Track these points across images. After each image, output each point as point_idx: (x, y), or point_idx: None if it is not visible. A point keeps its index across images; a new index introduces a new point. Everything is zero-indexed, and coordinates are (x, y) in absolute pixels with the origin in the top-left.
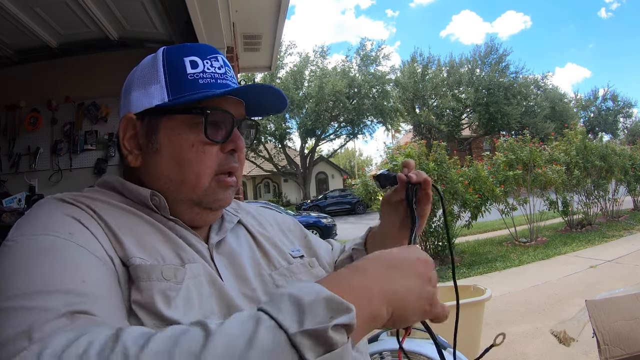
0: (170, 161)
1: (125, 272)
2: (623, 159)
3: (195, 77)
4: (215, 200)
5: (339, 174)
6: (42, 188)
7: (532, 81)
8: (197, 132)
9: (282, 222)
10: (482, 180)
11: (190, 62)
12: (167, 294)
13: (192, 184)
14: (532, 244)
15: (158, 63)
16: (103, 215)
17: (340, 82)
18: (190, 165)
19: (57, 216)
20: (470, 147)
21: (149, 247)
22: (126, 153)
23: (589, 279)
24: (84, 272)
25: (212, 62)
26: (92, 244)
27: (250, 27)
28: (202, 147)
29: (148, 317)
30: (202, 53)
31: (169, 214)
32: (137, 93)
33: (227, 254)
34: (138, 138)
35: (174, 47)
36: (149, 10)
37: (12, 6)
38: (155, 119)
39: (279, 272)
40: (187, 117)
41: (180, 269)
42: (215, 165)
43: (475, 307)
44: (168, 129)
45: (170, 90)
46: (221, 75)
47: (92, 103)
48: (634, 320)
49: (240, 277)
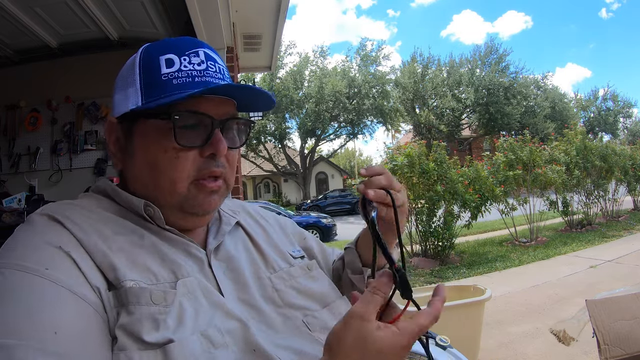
0: (144, 166)
1: (114, 295)
2: (623, 159)
3: (169, 77)
4: (196, 206)
5: (339, 174)
6: (42, 188)
7: (532, 81)
8: (170, 138)
9: (283, 222)
10: (482, 180)
11: (166, 60)
12: (157, 317)
13: (167, 190)
14: (532, 244)
15: (135, 64)
16: (92, 233)
17: (341, 82)
18: (164, 171)
19: (37, 245)
20: (470, 147)
21: (141, 265)
22: (112, 155)
23: (589, 279)
24: (56, 320)
25: (190, 58)
26: (72, 278)
27: (250, 27)
28: (176, 153)
29: (131, 341)
30: (180, 49)
31: (164, 223)
32: (117, 96)
33: (225, 259)
34: (119, 142)
35: (153, 45)
36: (149, 10)
37: (12, 6)
38: (130, 124)
39: (278, 275)
40: (159, 122)
41: (170, 292)
42: (193, 170)
43: (475, 307)
44: (141, 134)
45: (144, 93)
46: (200, 72)
47: (92, 103)
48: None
49: (239, 282)
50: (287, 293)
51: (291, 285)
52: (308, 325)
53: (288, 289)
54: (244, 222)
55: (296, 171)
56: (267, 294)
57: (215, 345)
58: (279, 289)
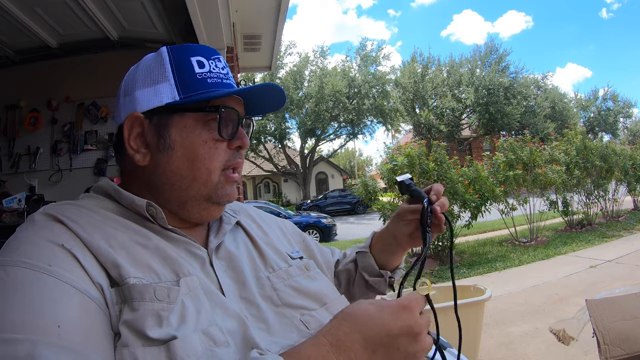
0: (183, 158)
1: (116, 292)
2: (623, 159)
3: (203, 76)
4: (224, 195)
5: (339, 174)
6: (42, 188)
7: (532, 81)
8: (209, 130)
9: (282, 224)
10: (482, 180)
11: (197, 61)
12: (160, 314)
13: (203, 180)
14: (532, 244)
15: (165, 62)
16: (93, 232)
17: (341, 82)
18: (203, 162)
19: (39, 243)
20: (470, 147)
21: (143, 264)
22: (132, 152)
23: (589, 279)
24: (60, 314)
25: (215, 62)
26: (75, 275)
27: (250, 27)
28: (214, 143)
29: (134, 337)
30: (206, 54)
31: (166, 223)
32: (143, 91)
33: (226, 258)
34: (145, 136)
35: (179, 47)
36: (149, 10)
37: (12, 6)
38: (165, 117)
39: (277, 274)
40: (200, 115)
41: (174, 289)
42: (224, 161)
43: (475, 307)
44: (180, 126)
45: (181, 88)
46: (224, 75)
47: (92, 103)
48: (634, 320)
49: (239, 281)
50: (285, 292)
51: (289, 284)
52: (306, 324)
53: (286, 289)
54: (244, 222)
55: (296, 171)
56: (265, 293)
57: (216, 344)
58: (278, 288)
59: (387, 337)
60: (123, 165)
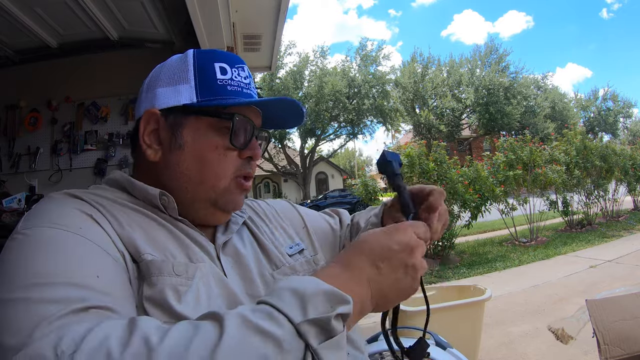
0: (192, 160)
1: (136, 268)
2: (623, 159)
3: (224, 83)
4: (230, 202)
5: (339, 174)
6: (42, 188)
7: (532, 81)
8: (222, 136)
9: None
10: (482, 180)
11: (220, 68)
12: (178, 289)
13: (210, 184)
14: (532, 244)
15: (188, 64)
16: (112, 211)
17: (340, 82)
18: (211, 167)
19: (67, 210)
20: (470, 147)
21: (160, 244)
22: (145, 147)
23: (589, 279)
24: (96, 267)
25: (239, 71)
26: (103, 239)
27: (250, 27)
28: (224, 150)
29: (159, 312)
30: (231, 61)
31: (177, 214)
32: (163, 89)
33: (232, 254)
34: (159, 133)
35: (205, 51)
36: (149, 10)
37: (12, 6)
38: (181, 117)
39: (281, 271)
40: (215, 121)
41: (192, 265)
42: (234, 169)
43: (475, 307)
44: (194, 128)
45: (200, 91)
46: (246, 85)
47: (92, 103)
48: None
49: (246, 277)
50: None
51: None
52: None
53: None
54: (249, 220)
55: (296, 171)
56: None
57: None
58: None
59: (388, 252)
60: (136, 158)
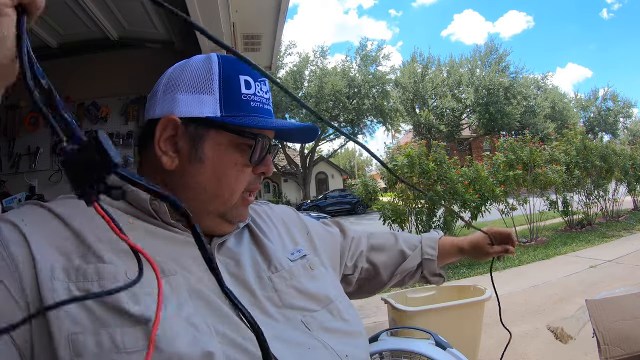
0: (212, 174)
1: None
2: (623, 159)
3: (248, 98)
4: (237, 215)
5: (339, 174)
6: (42, 188)
7: (532, 81)
8: (241, 153)
9: (288, 219)
10: (482, 180)
11: (245, 81)
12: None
13: (224, 199)
14: (532, 244)
15: (213, 73)
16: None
17: (340, 82)
18: (228, 182)
19: None
20: (470, 147)
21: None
22: (160, 154)
23: (589, 279)
24: None
25: (261, 85)
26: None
27: (250, 27)
28: (242, 167)
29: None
30: (254, 74)
31: (168, 218)
32: (185, 97)
33: (228, 256)
34: (177, 141)
35: (230, 60)
36: (149, 10)
37: None
38: (202, 130)
39: (279, 274)
40: (236, 137)
41: None
42: (247, 184)
43: (475, 307)
44: (215, 143)
45: (224, 105)
46: (267, 100)
47: (92, 103)
48: (634, 320)
49: (240, 279)
50: (287, 293)
51: (292, 284)
52: (307, 325)
53: (288, 289)
54: (252, 223)
55: (296, 171)
56: (267, 294)
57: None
58: (279, 289)
59: None
60: (143, 160)
